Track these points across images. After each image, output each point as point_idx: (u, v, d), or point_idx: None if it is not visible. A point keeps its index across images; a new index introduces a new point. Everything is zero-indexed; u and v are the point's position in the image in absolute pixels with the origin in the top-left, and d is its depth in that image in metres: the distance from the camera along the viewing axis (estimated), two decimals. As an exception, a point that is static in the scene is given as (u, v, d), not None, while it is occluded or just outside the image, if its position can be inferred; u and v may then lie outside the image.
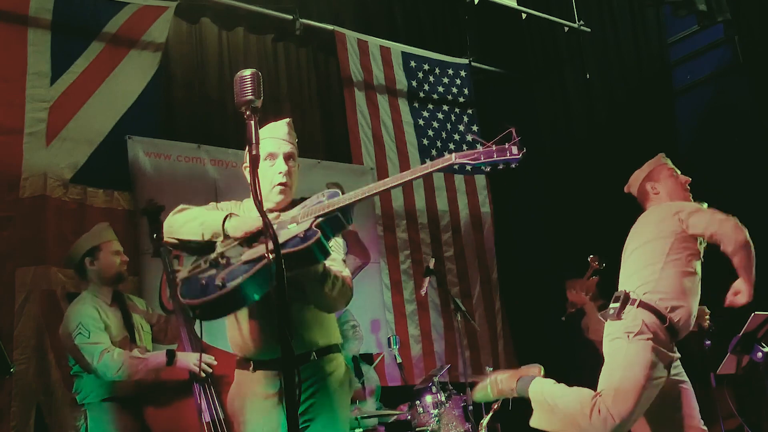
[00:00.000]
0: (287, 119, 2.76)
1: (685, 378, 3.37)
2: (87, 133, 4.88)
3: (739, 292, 3.32)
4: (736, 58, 6.99)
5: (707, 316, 3.52)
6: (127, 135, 5.00)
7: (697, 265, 3.40)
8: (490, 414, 4.74)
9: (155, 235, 3.81)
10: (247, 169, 2.44)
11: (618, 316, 3.34)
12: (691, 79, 7.47)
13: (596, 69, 7.37)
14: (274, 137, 2.68)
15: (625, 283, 3.45)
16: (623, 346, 3.28)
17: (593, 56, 7.37)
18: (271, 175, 2.63)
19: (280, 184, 2.62)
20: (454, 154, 2.24)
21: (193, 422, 3.43)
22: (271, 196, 2.61)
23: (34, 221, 4.55)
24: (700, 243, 3.44)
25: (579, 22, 7.24)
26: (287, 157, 2.66)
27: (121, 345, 3.56)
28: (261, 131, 2.52)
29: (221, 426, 3.48)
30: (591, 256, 5.25)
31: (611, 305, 3.40)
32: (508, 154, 2.22)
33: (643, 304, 3.32)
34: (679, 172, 3.66)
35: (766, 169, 6.26)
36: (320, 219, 2.25)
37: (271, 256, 2.02)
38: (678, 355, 3.35)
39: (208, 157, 5.35)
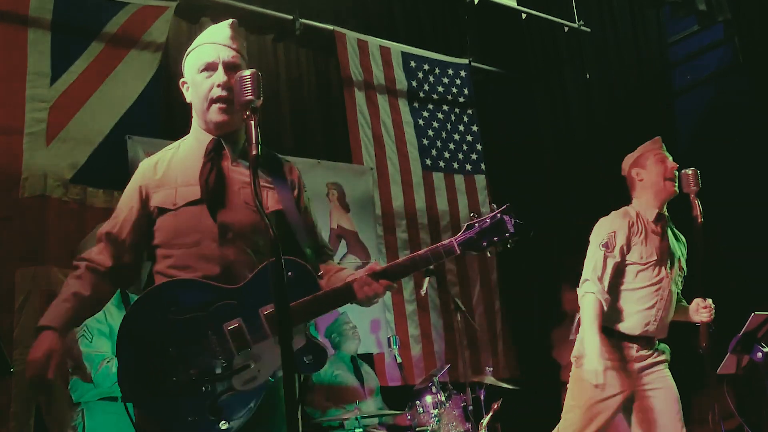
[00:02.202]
0: (231, 20, 2.32)
1: (659, 385, 3.35)
2: (87, 133, 4.88)
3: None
4: (736, 58, 7.00)
5: (704, 309, 3.41)
6: (127, 135, 4.99)
7: (635, 268, 3.39)
8: (490, 414, 4.75)
9: None
10: (185, 85, 2.32)
11: (574, 338, 3.43)
12: (691, 79, 7.48)
13: (596, 69, 7.37)
14: (213, 42, 2.25)
15: None
16: (573, 372, 3.43)
17: (593, 56, 7.37)
18: (207, 89, 2.21)
19: (219, 99, 2.19)
20: (454, 240, 2.18)
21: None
22: (210, 116, 2.21)
23: (34, 221, 4.55)
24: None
25: (579, 22, 7.23)
26: (229, 67, 2.22)
27: None
28: (201, 36, 2.32)
29: None
30: None
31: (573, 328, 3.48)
32: (506, 228, 2.19)
33: None
34: (670, 158, 3.56)
35: (766, 169, 6.26)
36: None
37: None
38: (651, 360, 3.35)
39: (208, 157, 5.35)
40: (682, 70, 7.56)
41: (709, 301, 3.42)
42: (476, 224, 2.17)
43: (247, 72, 2.04)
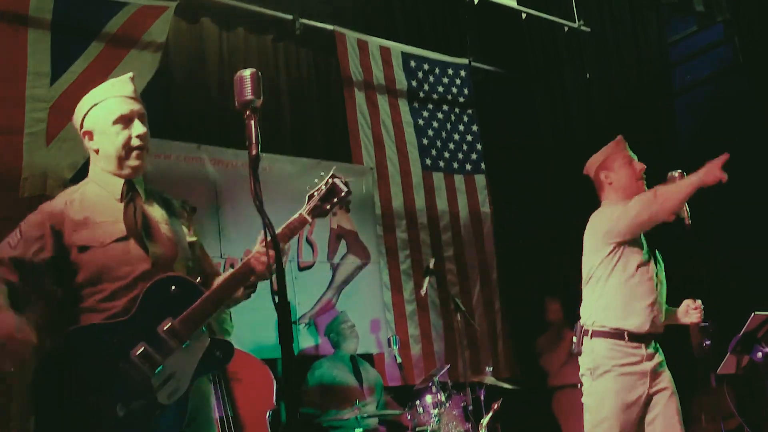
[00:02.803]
0: (130, 74, 2.55)
1: (665, 385, 3.34)
2: (87, 133, 4.88)
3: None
4: (736, 58, 6.99)
5: (694, 309, 3.43)
6: (127, 135, 4.99)
7: (636, 262, 3.36)
8: (490, 414, 4.75)
9: None
10: (87, 135, 2.46)
11: (578, 351, 3.39)
12: (691, 79, 7.48)
13: (596, 69, 7.36)
14: (122, 96, 2.47)
15: (582, 310, 3.47)
16: (589, 386, 3.35)
17: (593, 56, 7.37)
18: (125, 139, 2.42)
19: (138, 147, 2.43)
20: (302, 212, 2.45)
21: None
22: (129, 162, 2.43)
23: (34, 221, 4.54)
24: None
25: (579, 22, 7.23)
26: (141, 118, 2.46)
27: None
28: (101, 89, 2.49)
29: (230, 423, 3.49)
30: None
31: (573, 339, 3.43)
32: (340, 189, 2.47)
33: (595, 334, 3.35)
34: (635, 158, 3.56)
35: (766, 169, 6.26)
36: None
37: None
38: (657, 359, 3.34)
39: (208, 157, 5.35)
40: (682, 70, 7.55)
41: (699, 301, 3.43)
42: (315, 193, 2.47)
43: (247, 72, 2.06)
